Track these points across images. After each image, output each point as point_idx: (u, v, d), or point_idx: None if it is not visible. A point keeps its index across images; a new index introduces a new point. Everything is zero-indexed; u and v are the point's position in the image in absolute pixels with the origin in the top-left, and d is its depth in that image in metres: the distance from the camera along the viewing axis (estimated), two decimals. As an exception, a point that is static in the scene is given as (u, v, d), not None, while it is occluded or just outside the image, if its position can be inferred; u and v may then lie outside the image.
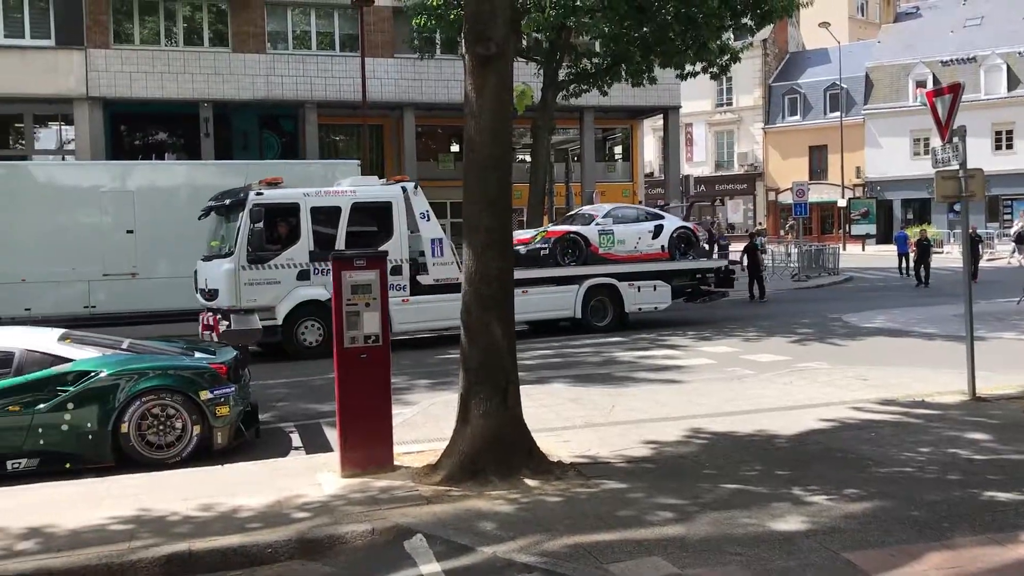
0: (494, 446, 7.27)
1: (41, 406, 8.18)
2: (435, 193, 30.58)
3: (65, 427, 8.22)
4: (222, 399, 8.68)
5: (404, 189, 16.07)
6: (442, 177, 31.30)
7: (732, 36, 25.49)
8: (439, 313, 15.47)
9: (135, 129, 30.13)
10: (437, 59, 27.91)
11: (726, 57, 23.46)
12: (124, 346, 9.35)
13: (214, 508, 6.75)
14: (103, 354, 8.75)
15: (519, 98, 19.49)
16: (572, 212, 21.48)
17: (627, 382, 12.11)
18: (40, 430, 8.17)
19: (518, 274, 16.25)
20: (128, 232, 18.61)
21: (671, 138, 33.18)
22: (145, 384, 8.44)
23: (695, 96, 46.99)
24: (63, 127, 28.63)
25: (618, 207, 20.30)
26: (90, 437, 8.28)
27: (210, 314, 15.25)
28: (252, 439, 9.35)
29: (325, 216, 15.48)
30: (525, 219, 24.41)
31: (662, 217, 19.52)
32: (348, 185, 16.43)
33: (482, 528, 6.14)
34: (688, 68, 24.11)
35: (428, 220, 16.23)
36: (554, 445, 8.16)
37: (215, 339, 14.13)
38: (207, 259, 15.80)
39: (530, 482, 7.10)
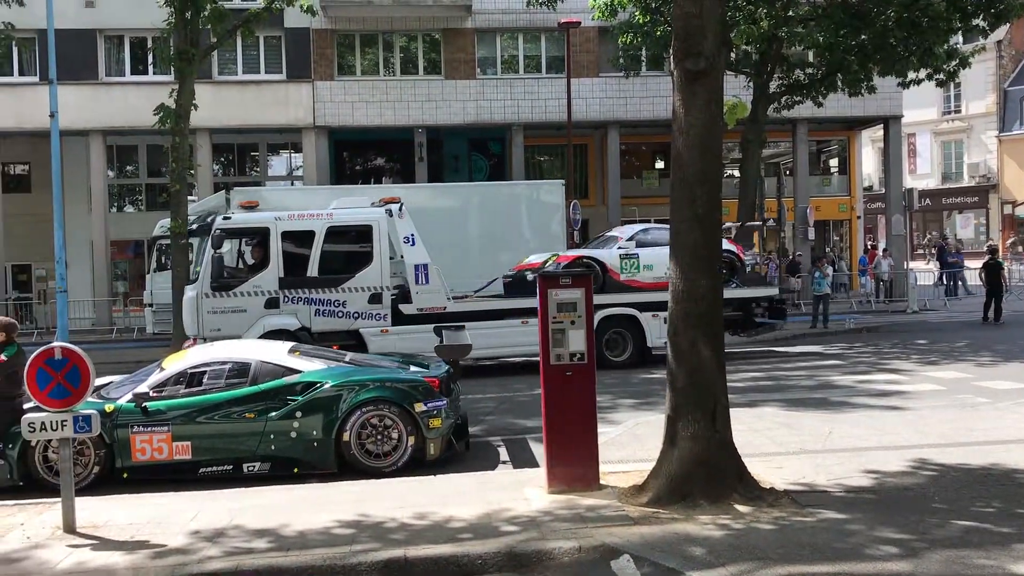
0: (703, 469, 7.10)
1: (273, 414, 8.82)
2: (639, 210, 30.68)
3: (293, 434, 8.81)
4: (435, 411, 9.01)
5: (389, 212, 15.01)
6: (646, 194, 31.18)
7: (961, 39, 23.83)
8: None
9: (356, 155, 32.03)
10: (642, 76, 27.85)
11: (954, 62, 21.93)
12: (346, 359, 9.96)
13: (428, 517, 6.99)
14: (328, 366, 9.33)
15: (731, 112, 18.96)
16: (598, 235, 19.55)
17: (844, 407, 11.49)
18: (272, 436, 8.80)
19: (519, 303, 15.24)
20: None
21: (892, 149, 31.32)
22: (365, 395, 8.90)
23: (918, 104, 44.10)
24: (292, 155, 30.95)
25: (647, 228, 17.77)
26: (315, 444, 8.82)
27: (189, 341, 14.54)
28: (462, 451, 9.64)
29: (298, 241, 14.64)
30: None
31: None
32: (335, 207, 15.50)
33: (691, 552, 6.00)
34: (911, 75, 22.76)
35: (413, 244, 15.04)
36: (766, 471, 7.87)
37: None
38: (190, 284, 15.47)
39: (741, 508, 6.87)
